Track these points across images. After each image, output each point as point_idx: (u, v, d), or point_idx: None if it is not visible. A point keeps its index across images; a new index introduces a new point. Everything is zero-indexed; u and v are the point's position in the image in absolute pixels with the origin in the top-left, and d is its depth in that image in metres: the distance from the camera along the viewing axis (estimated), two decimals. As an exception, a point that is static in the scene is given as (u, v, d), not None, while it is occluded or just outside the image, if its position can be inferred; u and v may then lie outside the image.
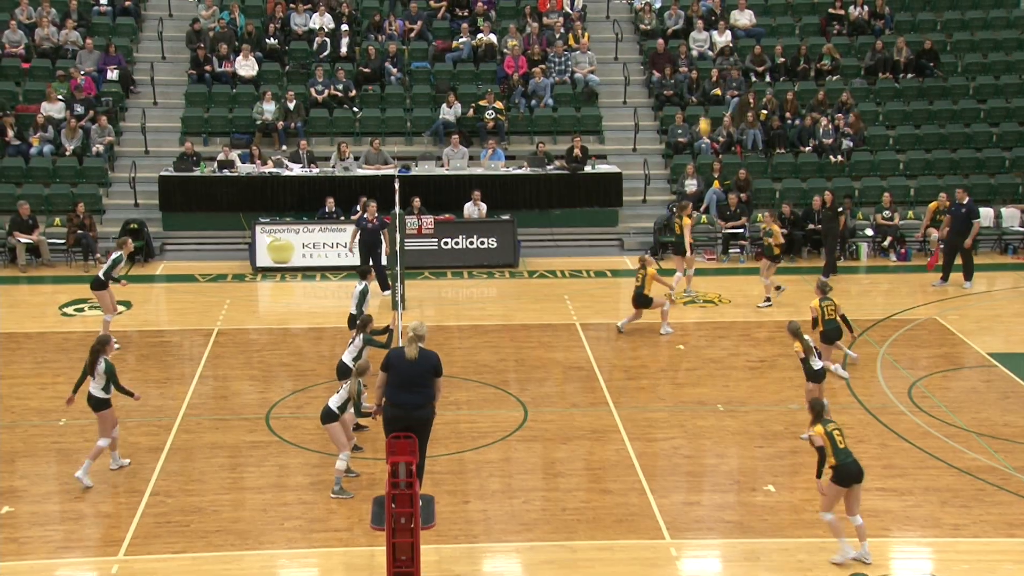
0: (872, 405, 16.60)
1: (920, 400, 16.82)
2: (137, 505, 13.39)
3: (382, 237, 21.26)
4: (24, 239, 23.21)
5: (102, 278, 18.20)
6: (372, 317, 15.23)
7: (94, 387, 13.78)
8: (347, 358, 14.68)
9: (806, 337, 14.88)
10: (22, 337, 19.12)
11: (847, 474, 11.96)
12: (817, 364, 14.88)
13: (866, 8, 29.67)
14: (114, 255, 18.41)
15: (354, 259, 21.66)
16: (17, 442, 15.09)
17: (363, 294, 16.78)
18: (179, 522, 13.03)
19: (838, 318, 16.81)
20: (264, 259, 23.54)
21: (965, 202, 22.33)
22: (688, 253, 21.31)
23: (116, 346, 15.06)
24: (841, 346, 17.47)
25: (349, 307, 16.88)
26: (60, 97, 26.03)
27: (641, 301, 19.29)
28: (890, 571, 12.26)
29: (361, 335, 14.82)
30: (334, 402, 13.38)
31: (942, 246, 22.68)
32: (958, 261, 22.41)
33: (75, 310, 20.81)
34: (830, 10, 29.91)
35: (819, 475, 12.15)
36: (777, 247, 20.88)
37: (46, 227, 23.91)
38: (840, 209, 23.45)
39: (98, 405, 13.81)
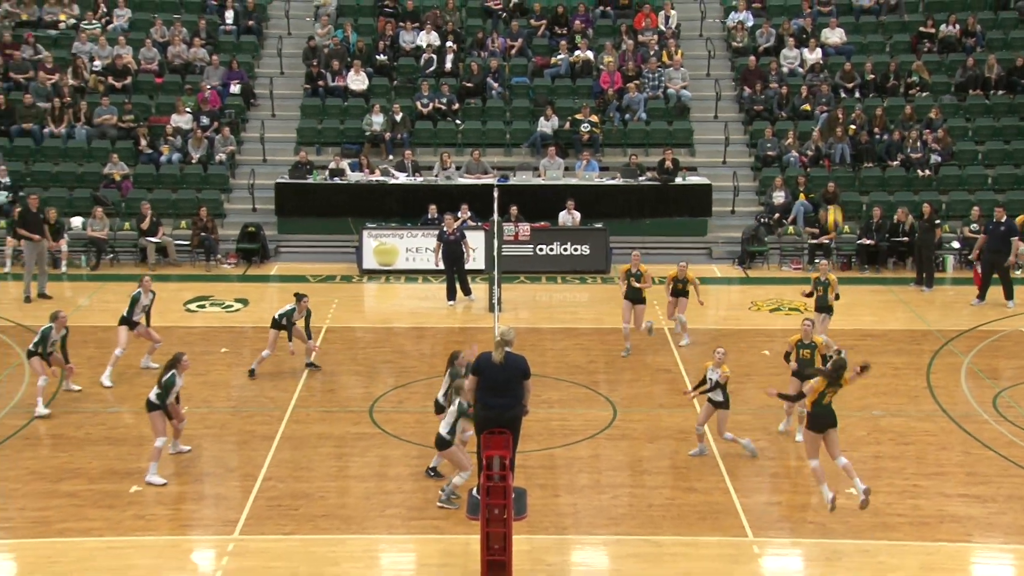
0: (956, 413, 16.22)
1: (1005, 410, 16.38)
2: (251, 489, 13.65)
3: (463, 247, 21.38)
4: (153, 240, 23.84)
5: (32, 349, 15.98)
6: (458, 353, 14.26)
7: (153, 392, 13.85)
8: (443, 430, 13.06)
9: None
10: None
11: (819, 420, 12.56)
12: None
13: (957, 27, 28.98)
14: (43, 328, 16.18)
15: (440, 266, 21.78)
16: (145, 427, 15.38)
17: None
18: (289, 506, 13.24)
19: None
20: (370, 262, 23.83)
21: (1003, 220, 21.63)
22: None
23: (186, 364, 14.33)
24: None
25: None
26: (188, 109, 26.65)
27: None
28: (971, 576, 12.00)
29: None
30: (443, 429, 13.00)
31: (978, 265, 21.88)
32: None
33: (197, 306, 21.30)
34: (921, 28, 29.28)
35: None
36: (835, 299, 18.11)
37: (172, 229, 24.50)
38: (937, 222, 22.97)
39: (150, 407, 13.87)
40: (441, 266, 21.64)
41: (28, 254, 21.48)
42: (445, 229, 21.45)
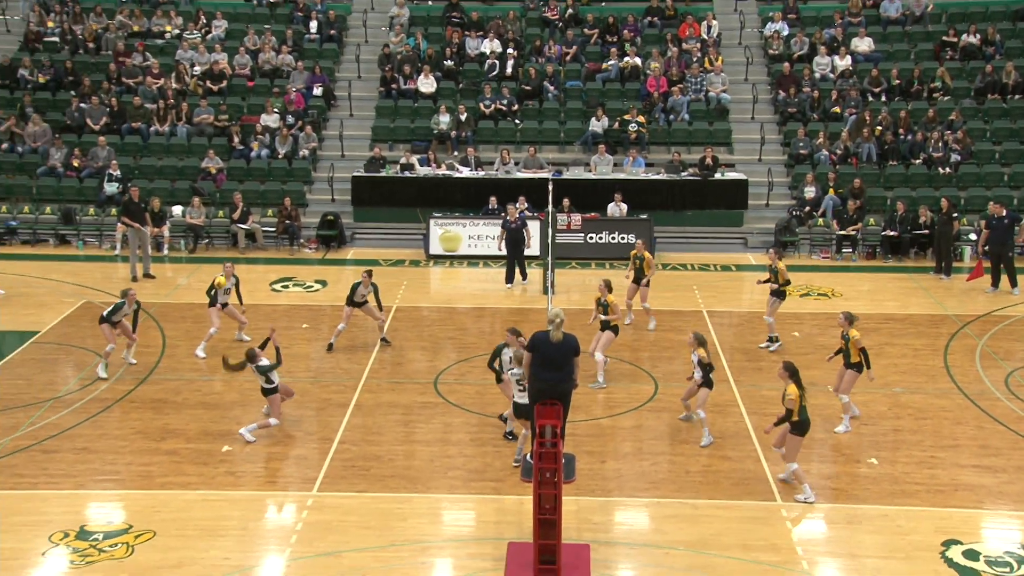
0: (971, 391, 15.95)
1: (1016, 388, 16.08)
2: (328, 451, 13.79)
3: (524, 234, 21.41)
4: (243, 227, 24.09)
5: (104, 316, 16.27)
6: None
7: (262, 381, 14.12)
8: (519, 400, 12.99)
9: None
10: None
11: (806, 426, 12.55)
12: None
13: (978, 36, 28.35)
14: (117, 302, 16.47)
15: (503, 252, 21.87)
16: (234, 394, 15.70)
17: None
18: (361, 467, 13.35)
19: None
20: (436, 248, 23.89)
21: (1004, 214, 21.19)
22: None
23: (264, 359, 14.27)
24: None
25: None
26: (276, 110, 26.85)
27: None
28: (982, 540, 11.78)
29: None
30: (520, 399, 12.87)
31: (983, 257, 21.43)
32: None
33: (281, 286, 21.50)
34: (943, 38, 28.66)
35: (777, 424, 12.65)
36: (783, 285, 17.45)
37: (260, 217, 24.74)
38: (955, 215, 22.55)
39: (265, 392, 14.19)
40: (504, 251, 21.66)
41: (132, 239, 21.83)
42: (508, 218, 21.50)
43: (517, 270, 21.48)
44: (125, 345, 16.79)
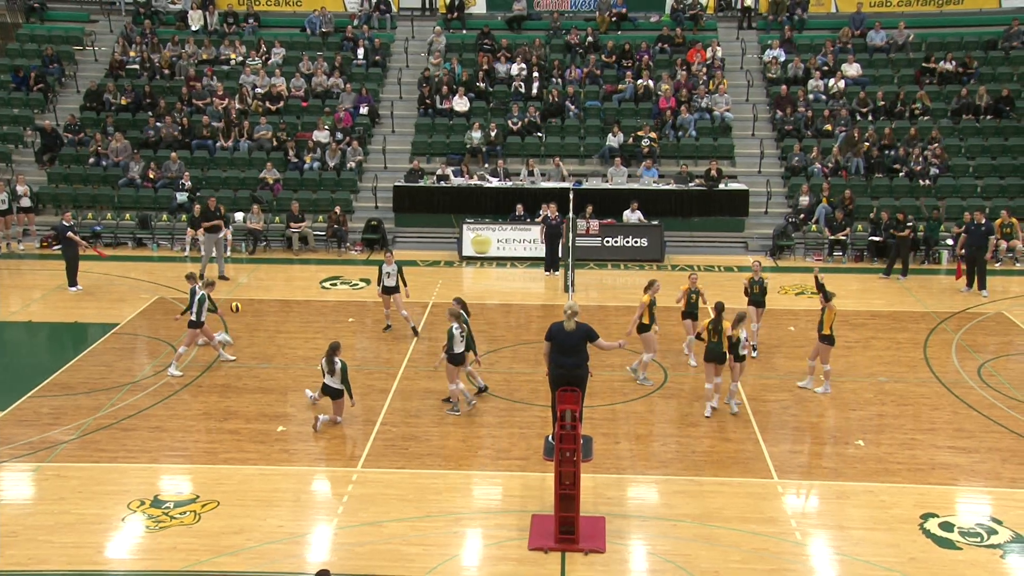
0: (947, 380, 15.78)
1: (988, 378, 15.90)
2: (371, 432, 13.81)
3: (562, 230, 21.50)
4: (296, 230, 24.16)
5: (195, 320, 15.77)
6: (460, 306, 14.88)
7: (330, 380, 13.73)
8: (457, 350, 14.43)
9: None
10: (293, 303, 19.93)
11: (710, 353, 14.11)
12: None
13: (954, 63, 28.02)
14: (198, 295, 15.77)
15: (540, 251, 21.97)
16: (288, 380, 15.75)
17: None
18: (400, 446, 13.37)
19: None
20: (468, 250, 23.86)
21: (983, 222, 20.96)
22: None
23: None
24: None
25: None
26: (326, 127, 26.93)
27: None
28: (957, 513, 11.67)
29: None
30: (458, 348, 14.15)
31: (962, 260, 21.20)
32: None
33: (330, 284, 21.53)
34: (923, 64, 28.34)
35: (698, 337, 14.76)
36: (762, 295, 17.05)
37: (312, 222, 24.82)
38: (909, 224, 22.33)
39: (334, 395, 13.85)
40: (543, 244, 22.23)
41: (206, 244, 21.85)
42: (549, 215, 21.79)
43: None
44: (216, 346, 16.39)
